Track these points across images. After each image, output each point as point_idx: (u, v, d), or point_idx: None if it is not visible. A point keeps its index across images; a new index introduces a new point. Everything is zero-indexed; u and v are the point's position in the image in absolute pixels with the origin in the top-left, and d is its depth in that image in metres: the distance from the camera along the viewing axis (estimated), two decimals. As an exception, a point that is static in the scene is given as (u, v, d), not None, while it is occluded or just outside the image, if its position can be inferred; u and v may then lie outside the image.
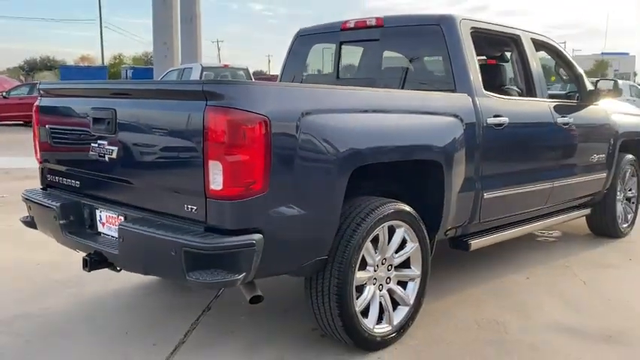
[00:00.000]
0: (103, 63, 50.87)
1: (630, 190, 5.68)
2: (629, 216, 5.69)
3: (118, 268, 3.00)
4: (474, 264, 4.56)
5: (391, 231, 3.11)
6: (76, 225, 3.09)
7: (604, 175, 5.05)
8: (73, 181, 3.23)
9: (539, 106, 4.29)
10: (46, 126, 3.35)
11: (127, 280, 4.02)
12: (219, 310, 3.66)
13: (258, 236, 2.46)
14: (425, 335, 3.28)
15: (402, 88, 3.98)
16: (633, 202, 5.75)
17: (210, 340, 3.22)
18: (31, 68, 63.19)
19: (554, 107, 4.42)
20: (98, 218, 3.03)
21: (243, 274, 2.45)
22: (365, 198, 3.04)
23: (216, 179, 2.42)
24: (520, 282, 4.26)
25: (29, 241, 4.91)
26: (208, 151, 2.41)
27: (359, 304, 2.96)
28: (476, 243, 3.83)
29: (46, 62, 64.81)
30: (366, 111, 2.97)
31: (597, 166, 4.95)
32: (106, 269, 3.01)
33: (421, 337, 3.26)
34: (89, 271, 2.89)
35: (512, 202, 4.06)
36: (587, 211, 5.23)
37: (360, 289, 3.01)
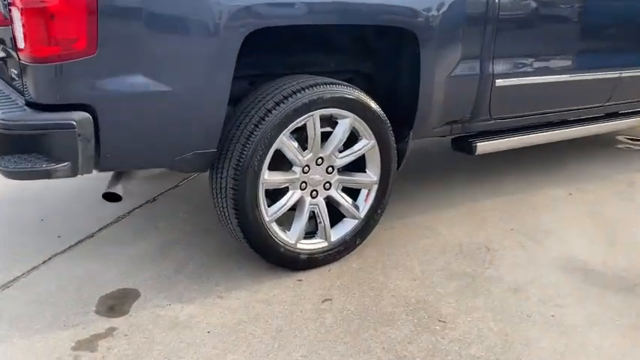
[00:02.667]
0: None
1: None
2: None
3: None
4: (503, 172, 3.64)
5: (332, 123, 2.35)
6: None
7: None
8: None
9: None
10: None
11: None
12: (165, 202, 3.17)
13: (81, 114, 1.82)
14: (377, 257, 2.56)
15: None
16: None
17: (125, 236, 2.75)
18: None
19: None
20: None
21: (67, 163, 1.86)
22: (286, 77, 2.27)
23: (24, 35, 1.78)
24: (557, 198, 3.30)
25: None
26: None
27: (271, 213, 2.29)
28: (483, 146, 2.93)
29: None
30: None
31: None
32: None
33: (371, 259, 2.55)
34: None
35: (548, 95, 3.03)
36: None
37: (279, 193, 2.34)
